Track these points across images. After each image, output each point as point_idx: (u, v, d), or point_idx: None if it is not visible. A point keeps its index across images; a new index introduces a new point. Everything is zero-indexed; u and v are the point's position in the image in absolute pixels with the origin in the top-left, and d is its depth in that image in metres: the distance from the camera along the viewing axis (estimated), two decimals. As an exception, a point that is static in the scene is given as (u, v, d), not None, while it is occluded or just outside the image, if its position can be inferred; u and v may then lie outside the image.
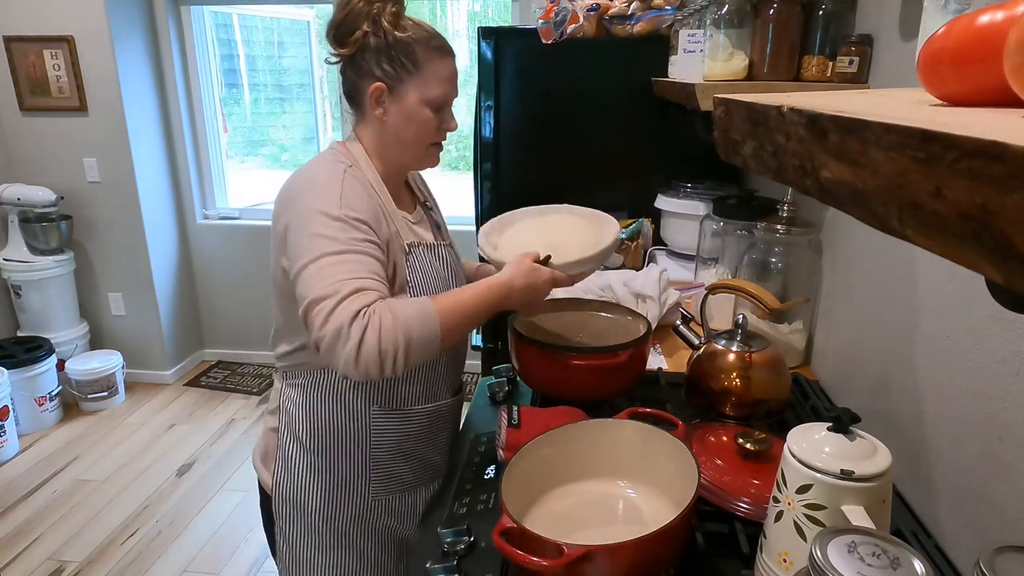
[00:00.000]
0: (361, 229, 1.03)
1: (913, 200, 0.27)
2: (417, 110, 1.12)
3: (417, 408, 1.19)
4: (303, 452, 1.18)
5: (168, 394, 3.60)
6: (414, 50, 1.09)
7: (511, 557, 0.76)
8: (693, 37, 1.49)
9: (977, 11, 0.36)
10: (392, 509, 1.22)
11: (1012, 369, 0.81)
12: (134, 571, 2.35)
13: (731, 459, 1.01)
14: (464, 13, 3.50)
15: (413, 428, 1.19)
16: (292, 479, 1.19)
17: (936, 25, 0.68)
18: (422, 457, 1.22)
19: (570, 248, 1.20)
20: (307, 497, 1.18)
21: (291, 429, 1.18)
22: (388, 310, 0.96)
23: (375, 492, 1.19)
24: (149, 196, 3.47)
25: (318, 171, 1.10)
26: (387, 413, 1.16)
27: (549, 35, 1.99)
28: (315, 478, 1.17)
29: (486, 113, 2.14)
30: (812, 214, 1.51)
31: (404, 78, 1.10)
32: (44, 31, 3.17)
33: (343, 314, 0.93)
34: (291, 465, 1.19)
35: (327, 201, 1.04)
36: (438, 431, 1.24)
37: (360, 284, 0.97)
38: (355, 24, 1.09)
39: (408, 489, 1.22)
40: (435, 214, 1.31)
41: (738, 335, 1.22)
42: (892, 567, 0.57)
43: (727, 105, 0.47)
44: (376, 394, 1.15)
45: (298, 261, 1.01)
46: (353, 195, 1.06)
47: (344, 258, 0.99)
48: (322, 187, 1.06)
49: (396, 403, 1.17)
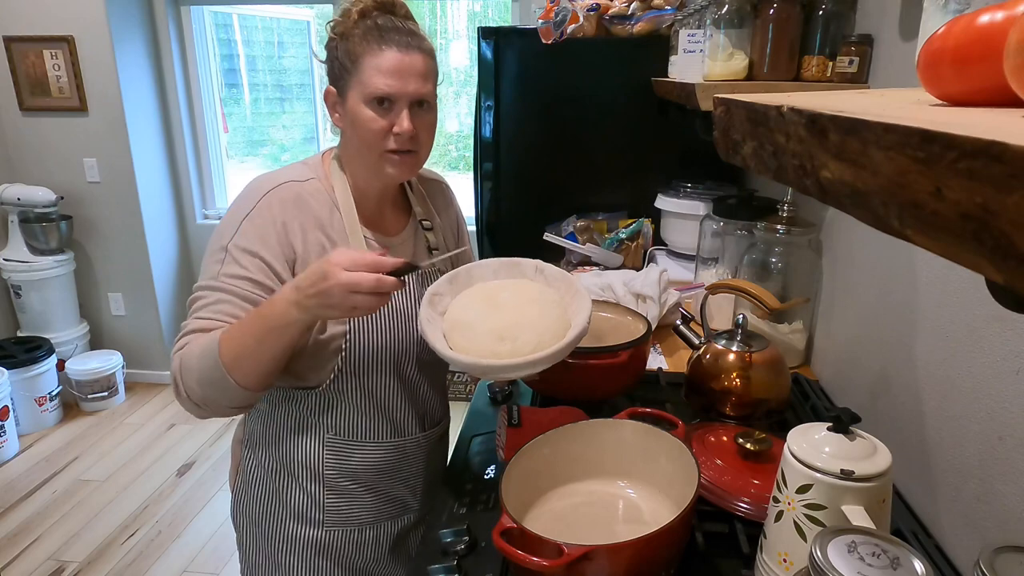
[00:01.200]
0: (241, 263, 0.98)
1: (913, 200, 0.27)
2: (357, 110, 1.00)
3: (375, 441, 1.12)
4: (261, 471, 1.15)
5: (168, 394, 3.60)
6: (352, 44, 0.99)
7: (511, 557, 0.76)
8: (693, 37, 1.49)
9: (977, 11, 0.36)
10: (350, 541, 1.15)
11: (1012, 369, 0.81)
12: (134, 571, 2.35)
13: (731, 459, 1.01)
14: (464, 13, 3.50)
15: (372, 461, 1.13)
16: (250, 496, 1.16)
17: (936, 25, 0.68)
18: (384, 492, 1.16)
19: (526, 335, 0.96)
20: (264, 518, 1.15)
21: (252, 446, 1.16)
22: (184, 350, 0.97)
23: (330, 522, 1.13)
24: (149, 196, 3.47)
25: (250, 188, 1.06)
26: (342, 443, 1.11)
27: (549, 35, 1.99)
28: (271, 498, 1.14)
29: (486, 113, 2.14)
30: (812, 214, 1.51)
31: (345, 77, 1.01)
32: (44, 31, 3.17)
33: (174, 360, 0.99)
34: (250, 481, 1.16)
35: (224, 228, 1.01)
36: (404, 466, 1.17)
37: (200, 325, 0.98)
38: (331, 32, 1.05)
39: (367, 524, 1.16)
40: (436, 234, 1.19)
41: (738, 335, 1.21)
42: (892, 567, 0.57)
43: (727, 105, 0.47)
44: (329, 421, 1.09)
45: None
46: (258, 223, 1.00)
47: (206, 294, 0.99)
48: (234, 209, 1.03)
49: (351, 434, 1.11)
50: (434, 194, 1.24)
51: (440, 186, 1.27)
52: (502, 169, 2.20)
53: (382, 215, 1.13)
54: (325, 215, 1.05)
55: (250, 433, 1.17)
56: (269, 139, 4.21)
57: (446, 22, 3.54)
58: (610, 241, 2.10)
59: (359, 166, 1.07)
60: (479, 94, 2.16)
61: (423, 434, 1.19)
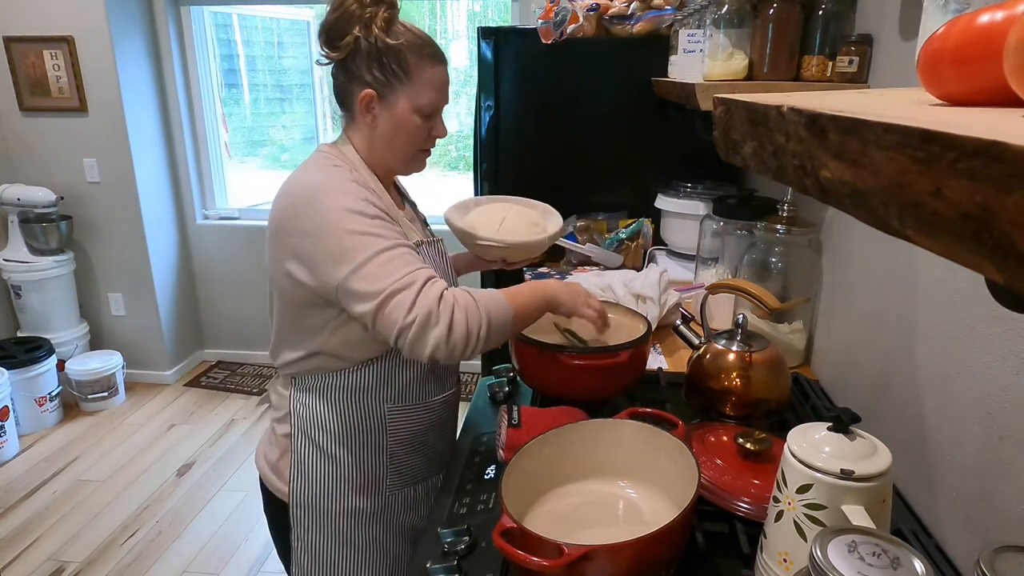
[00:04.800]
0: (394, 227, 1.06)
1: (913, 200, 0.27)
2: (407, 118, 1.11)
3: (428, 401, 1.22)
4: (320, 455, 1.17)
5: (168, 394, 3.60)
6: (405, 57, 1.08)
7: (511, 557, 0.76)
8: (693, 37, 1.49)
9: (977, 11, 0.36)
10: (407, 501, 1.25)
11: (1012, 368, 0.81)
12: (134, 571, 2.35)
13: (731, 459, 1.01)
14: (464, 13, 3.50)
15: (426, 420, 1.22)
16: (310, 484, 1.18)
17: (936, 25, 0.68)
18: (433, 447, 1.26)
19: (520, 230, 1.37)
20: (327, 500, 1.19)
21: (306, 433, 1.18)
22: (468, 294, 1.03)
23: (391, 486, 1.22)
24: (149, 196, 3.47)
25: (323, 175, 1.08)
26: (401, 408, 1.19)
27: (549, 35, 1.99)
28: (334, 480, 1.18)
29: (486, 113, 2.14)
30: (812, 214, 1.51)
31: (395, 85, 1.09)
32: (44, 31, 3.17)
33: (429, 299, 0.99)
34: (308, 469, 1.18)
35: (353, 200, 1.04)
36: (446, 420, 1.28)
37: (428, 273, 1.03)
38: (346, 28, 1.06)
39: (420, 480, 1.26)
40: (420, 211, 1.34)
41: (738, 335, 1.21)
42: (892, 567, 0.57)
43: (727, 105, 0.47)
44: (389, 391, 1.17)
45: (346, 263, 1.01)
46: (369, 195, 1.07)
47: (399, 252, 1.03)
48: (338, 187, 1.05)
49: (409, 398, 1.19)
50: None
51: None
52: (502, 169, 2.20)
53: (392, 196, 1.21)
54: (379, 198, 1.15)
55: (302, 422, 1.19)
56: (269, 139, 4.21)
57: (446, 22, 3.54)
58: (610, 241, 2.10)
59: (388, 158, 1.16)
60: (479, 94, 2.16)
61: (455, 389, 1.31)
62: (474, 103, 2.28)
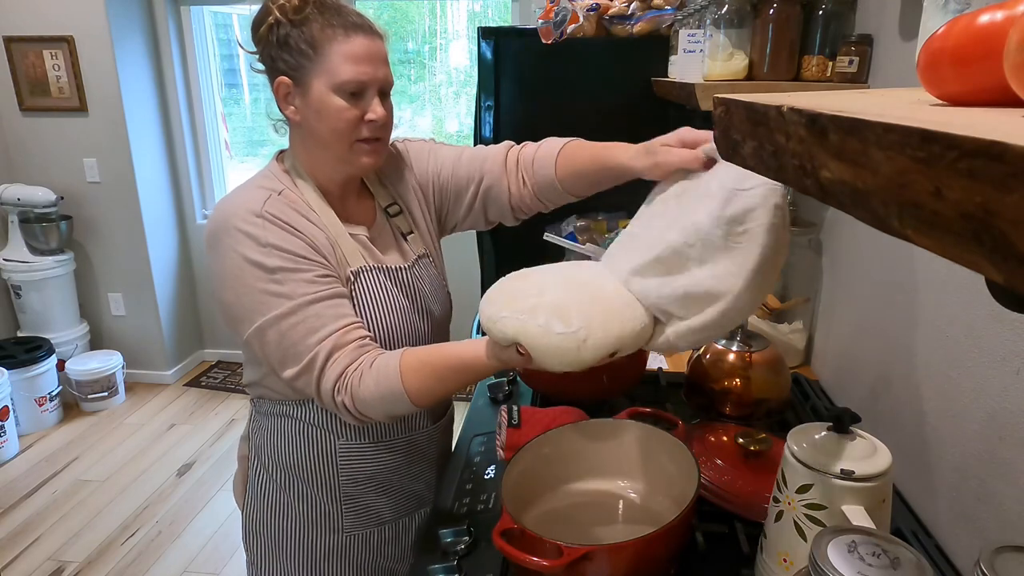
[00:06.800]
0: (306, 274, 0.95)
1: (913, 200, 0.27)
2: (327, 100, 0.95)
3: (387, 440, 1.10)
4: (272, 484, 1.12)
5: (168, 394, 3.60)
6: (311, 31, 0.95)
7: (511, 557, 0.76)
8: (693, 37, 1.49)
9: (977, 11, 0.36)
10: (371, 543, 1.14)
11: (1012, 368, 0.81)
12: (134, 571, 2.35)
13: (731, 459, 1.01)
14: (464, 13, 3.50)
15: (385, 460, 1.11)
16: (263, 511, 1.13)
17: (936, 25, 0.68)
18: (401, 489, 1.14)
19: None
20: (279, 531, 1.12)
21: (260, 460, 1.13)
22: (361, 377, 0.93)
23: (348, 527, 1.11)
24: (149, 196, 3.47)
25: (243, 200, 0.97)
26: (354, 445, 1.08)
27: (549, 35, 1.99)
28: (286, 511, 1.11)
29: (486, 113, 2.14)
30: (812, 214, 1.51)
31: (305, 65, 0.95)
32: (44, 31, 3.17)
33: (326, 391, 0.94)
34: (261, 496, 1.13)
35: (253, 247, 0.93)
36: (416, 461, 1.15)
37: (333, 343, 0.94)
38: (262, 20, 0.97)
39: (387, 523, 1.14)
40: (406, 217, 1.14)
41: (738, 335, 1.22)
42: (892, 567, 0.57)
43: (727, 105, 0.46)
44: (343, 428, 1.07)
45: (246, 323, 0.95)
46: (278, 232, 0.95)
47: (300, 317, 0.93)
48: (244, 226, 0.94)
49: (364, 436, 1.08)
50: (387, 173, 1.16)
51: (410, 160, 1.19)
52: (502, 169, 2.19)
53: (350, 208, 1.08)
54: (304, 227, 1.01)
55: (257, 448, 1.14)
56: (269, 139, 4.21)
57: (446, 22, 3.54)
58: (610, 241, 2.10)
59: (325, 161, 1.02)
60: (479, 94, 2.16)
61: (433, 426, 1.18)
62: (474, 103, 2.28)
